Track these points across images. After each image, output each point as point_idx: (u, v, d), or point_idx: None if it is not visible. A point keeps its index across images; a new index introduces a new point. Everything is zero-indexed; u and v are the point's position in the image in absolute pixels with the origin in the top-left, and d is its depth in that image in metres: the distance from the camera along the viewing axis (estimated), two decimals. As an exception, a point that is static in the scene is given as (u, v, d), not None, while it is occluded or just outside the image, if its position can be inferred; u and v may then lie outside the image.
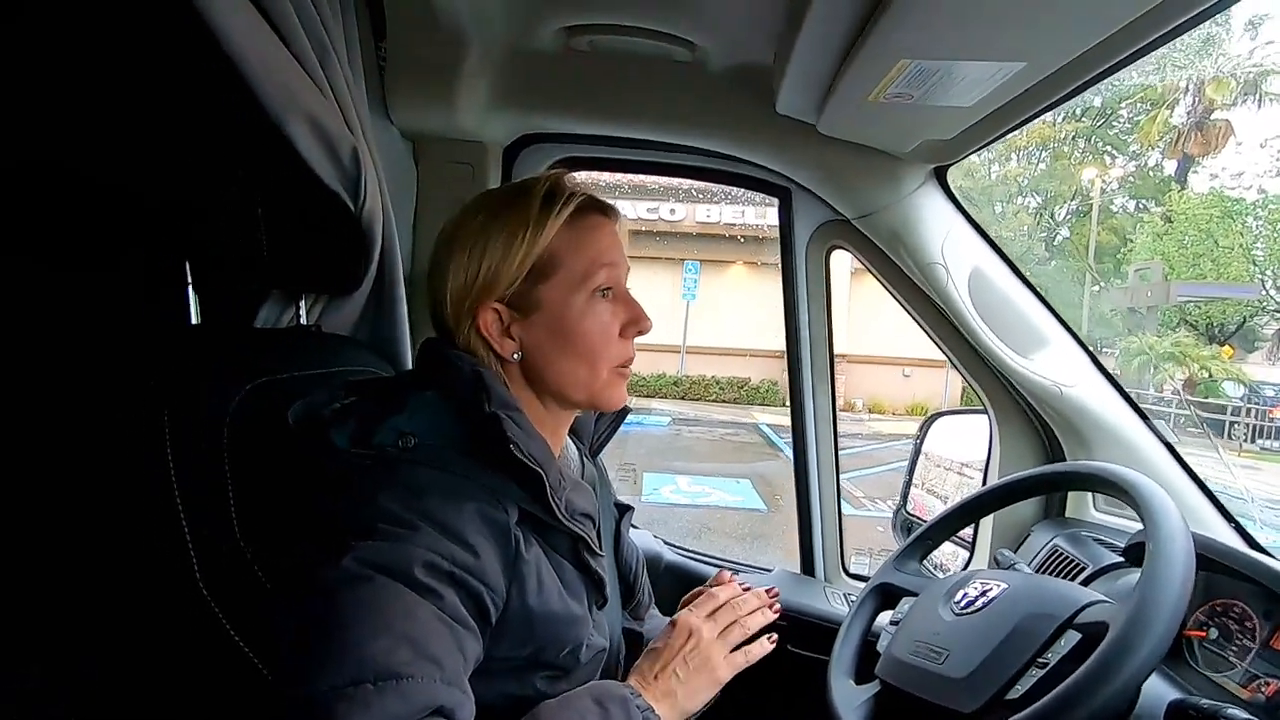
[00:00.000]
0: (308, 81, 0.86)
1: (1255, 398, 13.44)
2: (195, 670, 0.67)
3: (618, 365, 0.77)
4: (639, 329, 0.78)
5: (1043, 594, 0.82)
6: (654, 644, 0.81)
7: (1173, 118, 19.02)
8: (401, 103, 1.23)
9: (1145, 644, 0.66)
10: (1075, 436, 1.31)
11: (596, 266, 0.75)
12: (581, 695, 0.70)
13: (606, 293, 0.77)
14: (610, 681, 0.74)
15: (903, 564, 1.06)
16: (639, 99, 1.29)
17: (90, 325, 0.81)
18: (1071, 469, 1.04)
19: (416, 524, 0.61)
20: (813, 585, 1.51)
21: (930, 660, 0.83)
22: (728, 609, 0.84)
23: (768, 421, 12.34)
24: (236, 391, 0.71)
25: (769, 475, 8.52)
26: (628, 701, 0.70)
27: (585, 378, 0.76)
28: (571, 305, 0.74)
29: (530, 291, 0.74)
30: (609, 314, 0.76)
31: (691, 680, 0.77)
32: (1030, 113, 0.97)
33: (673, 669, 0.77)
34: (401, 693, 0.54)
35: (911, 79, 0.84)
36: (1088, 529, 1.27)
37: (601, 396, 0.78)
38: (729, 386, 14.41)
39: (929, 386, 13.87)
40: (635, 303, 0.79)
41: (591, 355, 0.75)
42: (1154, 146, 19.55)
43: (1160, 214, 17.80)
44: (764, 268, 14.24)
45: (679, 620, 0.82)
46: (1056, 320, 1.28)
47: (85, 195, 0.84)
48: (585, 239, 0.75)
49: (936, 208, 1.27)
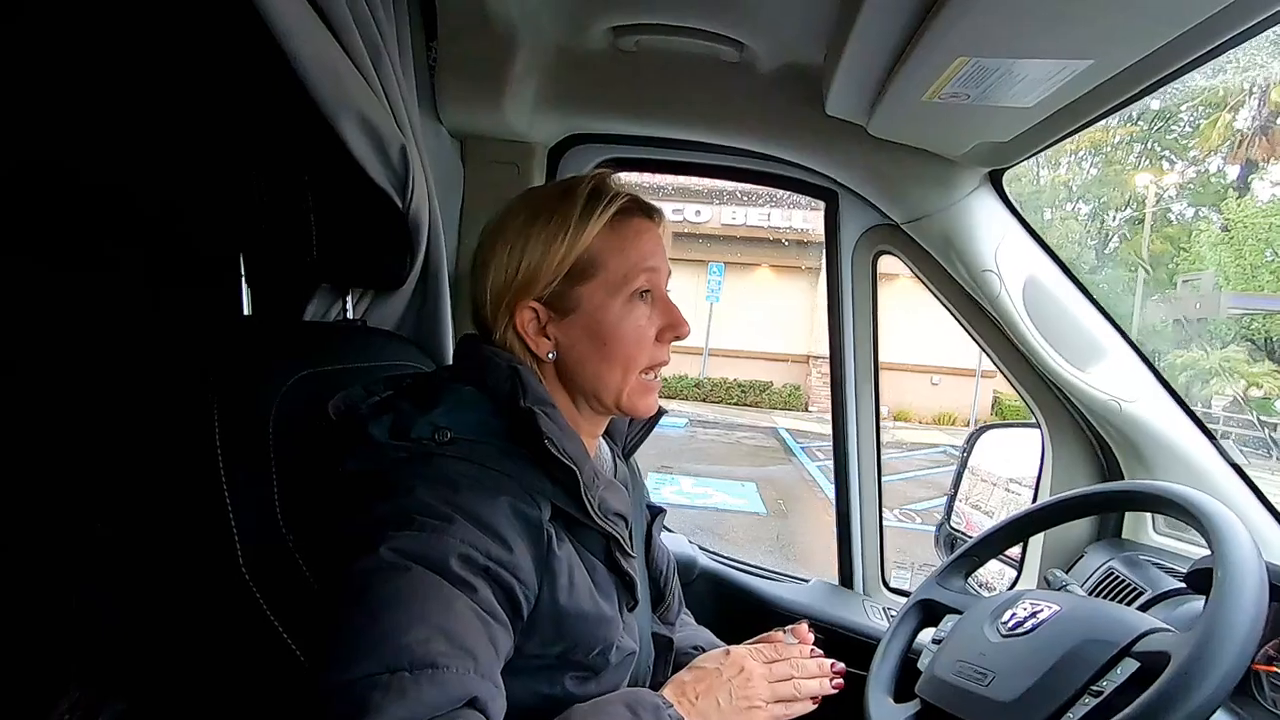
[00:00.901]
0: (360, 80, 0.88)
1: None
2: (236, 655, 0.68)
3: (647, 369, 0.77)
4: (676, 334, 0.77)
5: (1098, 618, 0.78)
6: (702, 662, 0.80)
7: (1235, 121, 18.11)
8: (451, 103, 1.25)
9: (1211, 677, 0.61)
10: (1134, 454, 1.25)
11: (637, 270, 0.74)
12: (614, 700, 0.69)
13: (645, 295, 0.76)
14: (644, 690, 0.73)
15: (946, 580, 1.02)
16: (685, 99, 1.28)
17: (147, 316, 0.84)
18: (1133, 488, 0.98)
19: (452, 516, 0.61)
20: (851, 598, 1.48)
21: (975, 681, 0.79)
22: (788, 664, 0.81)
23: (788, 426, 12.23)
24: (283, 383, 0.73)
25: (777, 479, 8.42)
26: (660, 710, 0.69)
27: (617, 381, 0.75)
28: (610, 308, 0.74)
29: (569, 292, 0.73)
30: (646, 318, 0.76)
31: (729, 715, 0.75)
32: (1093, 115, 0.93)
33: (716, 695, 0.75)
34: (438, 682, 0.54)
35: (969, 78, 0.81)
36: (1146, 552, 1.21)
37: (628, 401, 0.76)
38: (751, 390, 14.23)
39: (958, 396, 13.54)
40: (674, 307, 0.78)
41: (625, 358, 0.75)
42: (1215, 152, 18.62)
43: (1218, 223, 16.97)
44: (791, 271, 14.03)
45: (736, 653, 0.80)
46: (1117, 331, 1.22)
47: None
48: (628, 242, 0.75)
49: (991, 213, 1.22)
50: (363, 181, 0.91)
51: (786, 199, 13.13)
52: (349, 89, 0.85)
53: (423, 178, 1.00)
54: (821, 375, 13.84)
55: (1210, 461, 1.19)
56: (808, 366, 14.10)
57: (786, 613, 1.38)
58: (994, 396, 14.24)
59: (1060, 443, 1.36)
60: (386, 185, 0.93)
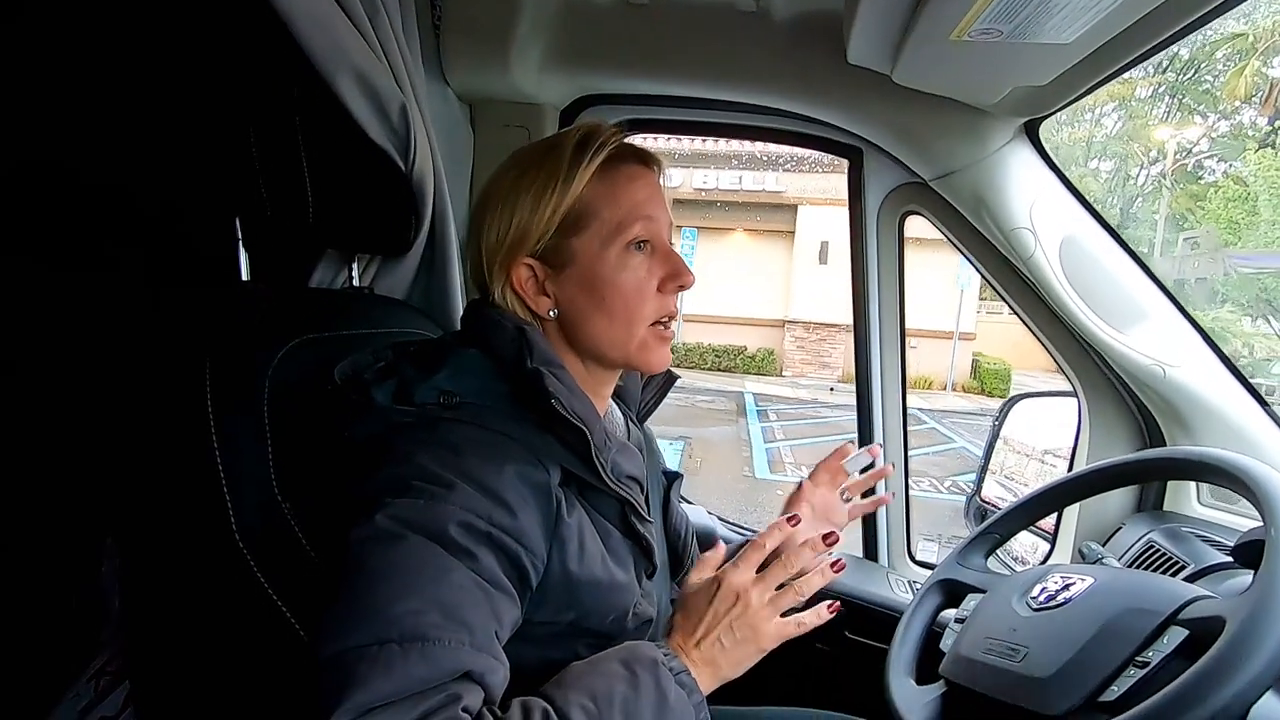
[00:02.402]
0: (357, 37, 0.85)
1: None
2: (230, 625, 0.67)
3: (655, 322, 0.73)
4: (679, 284, 0.73)
5: (1139, 588, 0.73)
6: (693, 601, 0.73)
7: (1267, 69, 17.02)
8: (458, 64, 1.21)
9: (1271, 639, 0.57)
10: (1178, 422, 1.18)
11: (632, 219, 0.70)
12: (609, 658, 0.66)
13: (643, 246, 0.72)
14: (641, 643, 0.69)
15: (967, 559, 0.98)
16: (701, 54, 1.22)
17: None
18: (1174, 454, 0.93)
19: (453, 482, 0.60)
20: (875, 571, 1.44)
21: (1006, 659, 0.76)
22: (779, 566, 0.72)
23: (758, 391, 12.10)
24: (279, 348, 0.71)
25: (712, 439, 8.41)
26: (658, 665, 0.66)
27: (621, 336, 0.72)
28: (605, 259, 0.70)
29: (562, 245, 0.70)
30: (645, 268, 0.72)
31: (736, 650, 0.70)
32: (1134, 55, 0.86)
33: (717, 636, 0.70)
34: (427, 656, 0.53)
35: (1002, 10, 0.74)
36: (1190, 524, 1.15)
37: (639, 357, 0.73)
38: (725, 354, 14.03)
39: (935, 360, 13.21)
40: (675, 255, 0.74)
41: (626, 311, 0.71)
42: (1247, 101, 17.56)
43: (1234, 177, 16.07)
44: (767, 235, 13.69)
45: (725, 581, 0.72)
46: (1161, 292, 1.15)
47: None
48: (619, 189, 0.71)
49: (1026, 167, 1.15)
50: (362, 142, 0.88)
51: (762, 160, 12.86)
52: (345, 45, 0.83)
53: (425, 139, 0.98)
54: (796, 339, 13.75)
55: (1262, 428, 1.12)
56: (783, 331, 13.90)
57: None
58: (973, 360, 13.92)
59: (1098, 411, 1.29)
60: (387, 145, 0.91)
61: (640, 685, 0.63)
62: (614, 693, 0.62)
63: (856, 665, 1.25)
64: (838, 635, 1.32)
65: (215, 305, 0.75)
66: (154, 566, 0.67)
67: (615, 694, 0.62)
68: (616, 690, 0.62)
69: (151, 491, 0.66)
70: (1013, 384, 13.10)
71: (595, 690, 0.62)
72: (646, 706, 0.63)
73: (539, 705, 0.59)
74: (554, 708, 0.59)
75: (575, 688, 0.62)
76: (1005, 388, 13.01)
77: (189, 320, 0.69)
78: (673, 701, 0.64)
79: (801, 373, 13.68)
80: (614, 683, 0.63)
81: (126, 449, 0.67)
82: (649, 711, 0.62)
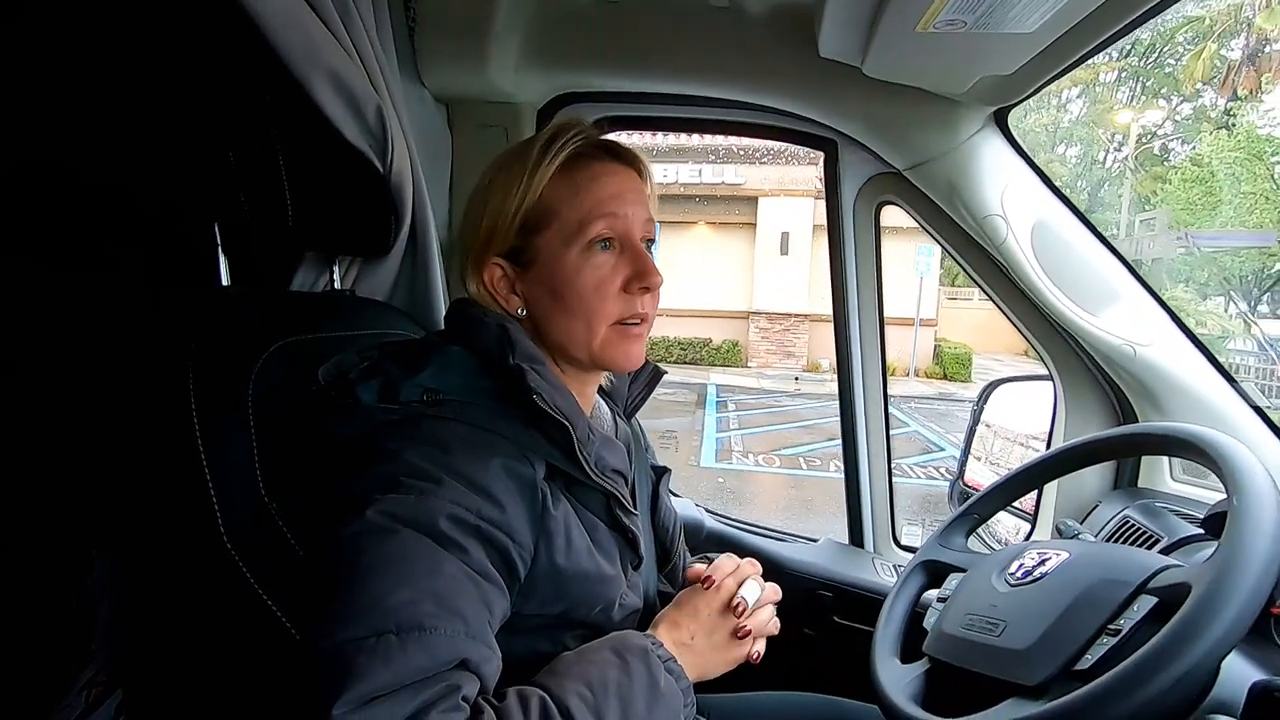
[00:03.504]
0: (330, 39, 0.85)
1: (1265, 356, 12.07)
2: (221, 627, 0.67)
3: (618, 321, 0.72)
4: (644, 284, 0.72)
5: (1111, 560, 0.75)
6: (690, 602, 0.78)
7: (1223, 51, 17.35)
8: (433, 64, 1.21)
9: (1235, 599, 0.59)
10: (1150, 401, 1.21)
11: (593, 216, 0.70)
12: (600, 648, 0.68)
13: (608, 244, 0.71)
14: (630, 632, 0.71)
15: (948, 540, 1.00)
16: (676, 50, 1.23)
17: (122, 292, 0.83)
18: (1140, 430, 0.95)
19: (441, 478, 0.60)
20: (861, 556, 1.46)
21: (986, 633, 0.77)
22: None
23: (723, 382, 12.21)
24: (263, 350, 0.71)
25: (662, 430, 8.57)
26: (649, 653, 0.68)
27: (582, 335, 0.71)
28: (565, 258, 0.70)
29: (527, 244, 0.71)
30: (609, 267, 0.71)
31: (714, 654, 0.76)
32: (1097, 40, 0.88)
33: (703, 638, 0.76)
34: (425, 645, 0.53)
35: (965, 1, 0.76)
36: (1163, 500, 1.18)
37: (603, 355, 0.72)
38: (690, 347, 14.10)
39: (898, 346, 13.03)
40: (643, 255, 0.72)
41: (587, 310, 0.71)
42: (1207, 84, 17.88)
43: (1191, 158, 16.39)
44: (728, 227, 13.78)
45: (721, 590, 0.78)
46: (1130, 273, 1.18)
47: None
48: (581, 187, 0.71)
49: (996, 155, 1.17)
50: (339, 144, 0.88)
51: (721, 154, 12.93)
52: (319, 46, 0.82)
53: (403, 140, 0.98)
54: (760, 330, 13.81)
55: (1230, 405, 1.15)
56: (747, 322, 13.98)
57: (796, 573, 1.37)
58: (935, 345, 14.04)
59: (1073, 392, 1.32)
60: (365, 147, 0.91)
61: (633, 672, 0.65)
62: (608, 679, 0.64)
63: (844, 649, 1.27)
64: (826, 621, 1.34)
65: (198, 309, 0.75)
66: (143, 572, 0.67)
67: (609, 681, 0.63)
68: (610, 677, 0.64)
69: (139, 497, 0.66)
70: (975, 367, 13.32)
71: (589, 678, 0.63)
72: (639, 692, 0.64)
73: (535, 694, 0.60)
74: (550, 695, 0.60)
75: (570, 676, 0.63)
76: (967, 372, 13.23)
77: (172, 325, 0.69)
78: (663, 687, 0.67)
79: (767, 363, 13.77)
80: (607, 670, 0.64)
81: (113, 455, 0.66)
82: (641, 697, 0.64)
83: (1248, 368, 10.02)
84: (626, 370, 0.78)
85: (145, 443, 0.66)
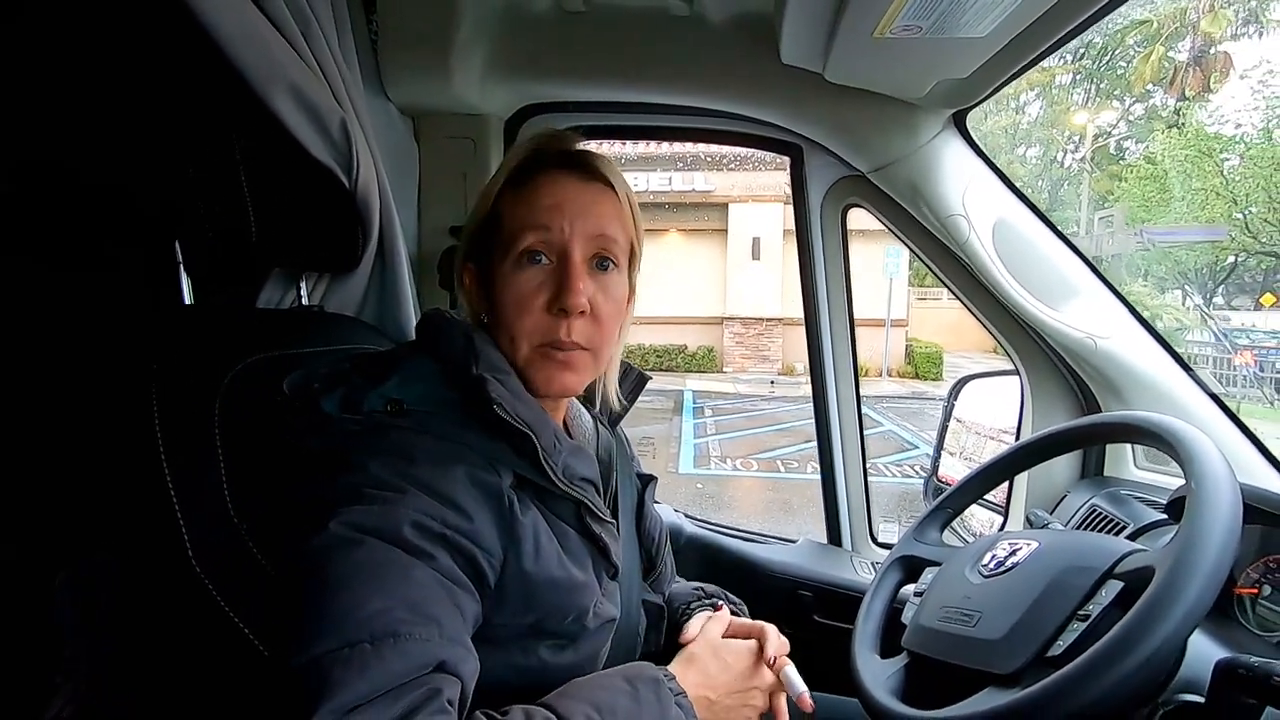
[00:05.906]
0: (291, 53, 0.84)
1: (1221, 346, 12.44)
2: (192, 649, 0.66)
3: (541, 345, 0.69)
4: (560, 305, 0.68)
5: (1079, 547, 0.77)
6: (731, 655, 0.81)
7: (1171, 54, 18.08)
8: (397, 77, 1.21)
9: (1194, 583, 0.61)
10: (1112, 391, 1.24)
11: (525, 227, 0.68)
12: (612, 675, 0.68)
13: (538, 258, 0.69)
14: (645, 663, 0.72)
15: (923, 534, 1.02)
16: (640, 59, 1.24)
17: (85, 311, 0.81)
18: (1100, 420, 0.98)
19: (404, 488, 0.60)
20: (839, 555, 1.48)
21: (961, 624, 0.79)
22: None
23: (699, 388, 12.37)
24: (228, 369, 0.70)
25: (635, 436, 8.49)
26: (660, 684, 0.68)
27: (509, 351, 0.70)
28: (499, 270, 0.70)
29: (485, 252, 0.72)
30: (534, 283, 0.68)
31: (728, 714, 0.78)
32: (1050, 41, 0.90)
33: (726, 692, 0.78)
34: (400, 651, 0.53)
35: (918, 8, 0.78)
36: (1128, 487, 1.21)
37: (528, 375, 0.70)
38: (666, 354, 14.25)
39: (869, 347, 13.39)
40: (567, 275, 0.68)
41: (509, 326, 0.69)
42: (1156, 84, 18.58)
43: (1145, 157, 16.99)
44: (700, 234, 13.93)
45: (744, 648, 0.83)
46: (1089, 269, 1.21)
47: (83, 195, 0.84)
48: (524, 197, 0.70)
49: (956, 156, 1.20)
50: (303, 160, 0.87)
51: (688, 162, 13.08)
52: (280, 61, 0.82)
53: (368, 154, 0.97)
54: (734, 335, 13.97)
55: (1188, 393, 1.18)
56: (721, 328, 14.15)
57: (775, 574, 1.38)
58: (907, 345, 14.29)
59: (1039, 386, 1.35)
60: (330, 162, 0.90)
61: (642, 700, 0.65)
62: (617, 705, 0.63)
63: (825, 647, 1.28)
64: (806, 620, 1.35)
65: (159, 329, 0.73)
66: (110, 597, 0.65)
67: (619, 707, 0.63)
68: (620, 704, 0.64)
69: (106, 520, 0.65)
70: (945, 365, 13.53)
71: (599, 702, 0.63)
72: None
73: (541, 714, 0.60)
74: (557, 716, 0.60)
75: (578, 698, 0.63)
76: (938, 370, 13.44)
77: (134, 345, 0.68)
78: (672, 718, 0.66)
79: (742, 368, 13.89)
80: (617, 696, 0.64)
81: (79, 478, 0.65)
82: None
83: (1205, 358, 10.32)
84: (548, 395, 0.72)
85: (110, 467, 0.65)
